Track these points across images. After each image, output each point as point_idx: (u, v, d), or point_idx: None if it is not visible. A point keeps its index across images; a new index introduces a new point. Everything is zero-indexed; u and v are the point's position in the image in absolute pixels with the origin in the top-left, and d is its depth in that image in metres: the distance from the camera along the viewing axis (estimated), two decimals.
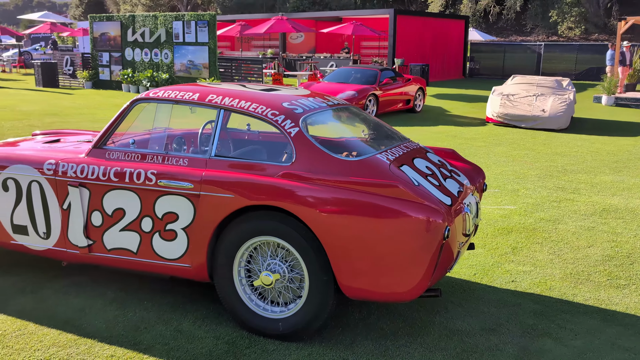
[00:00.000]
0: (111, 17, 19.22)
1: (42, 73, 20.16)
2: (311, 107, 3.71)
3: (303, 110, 3.60)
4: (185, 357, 3.22)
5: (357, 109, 4.32)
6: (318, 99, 3.97)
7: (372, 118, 4.37)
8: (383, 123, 4.33)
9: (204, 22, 16.70)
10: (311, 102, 3.81)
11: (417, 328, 3.59)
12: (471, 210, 3.58)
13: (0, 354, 3.21)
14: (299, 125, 3.41)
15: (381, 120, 4.40)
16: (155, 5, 42.61)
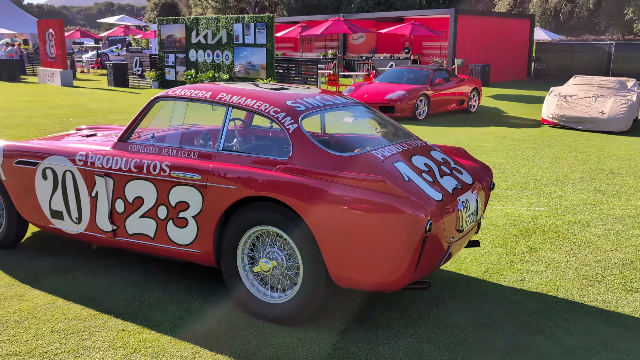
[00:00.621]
0: (177, 19, 20.08)
1: (114, 73, 21.35)
2: (315, 105, 3.90)
3: (305, 108, 3.79)
4: (187, 334, 3.49)
5: (367, 108, 4.46)
6: (327, 97, 4.15)
7: (381, 116, 4.50)
8: (392, 121, 4.46)
9: (262, 24, 17.18)
10: (317, 100, 4.00)
11: (411, 320, 3.70)
12: (467, 208, 3.65)
13: (29, 323, 3.59)
14: (298, 122, 3.61)
15: (390, 119, 4.53)
16: (225, 7, 43.88)
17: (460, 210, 3.56)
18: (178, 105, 4.14)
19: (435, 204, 3.34)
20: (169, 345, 3.36)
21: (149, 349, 3.32)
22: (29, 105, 15.05)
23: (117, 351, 3.29)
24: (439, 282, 4.30)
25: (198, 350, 3.31)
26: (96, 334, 3.47)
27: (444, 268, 4.56)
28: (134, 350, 3.29)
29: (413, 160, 3.70)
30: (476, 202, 3.82)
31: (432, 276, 4.40)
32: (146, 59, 21.52)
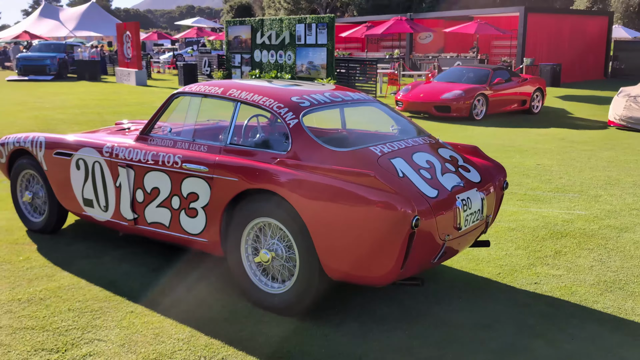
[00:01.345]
0: (243, 21, 20.65)
1: (184, 74, 22.20)
2: (321, 101, 3.97)
3: (310, 104, 3.87)
4: (189, 318, 3.65)
5: (380, 105, 4.48)
6: (337, 94, 4.20)
7: (394, 113, 4.50)
8: (404, 118, 4.46)
9: (323, 24, 17.36)
10: (326, 97, 4.06)
11: (409, 316, 3.70)
12: (468, 206, 3.61)
13: (50, 301, 3.88)
14: (299, 118, 3.70)
15: (403, 116, 4.52)
16: (297, 9, 44.52)
17: (459, 208, 3.52)
18: (194, 101, 4.33)
19: (427, 201, 3.33)
20: (170, 327, 3.54)
21: (150, 330, 3.51)
22: (101, 103, 15.97)
23: (122, 330, 3.50)
24: (448, 281, 4.26)
25: (195, 333, 3.48)
26: (107, 314, 3.71)
27: (457, 267, 4.51)
28: (136, 331, 3.50)
29: (414, 157, 3.69)
30: (481, 201, 3.76)
31: (442, 275, 4.37)
32: (215, 60, 22.24)
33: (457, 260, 4.66)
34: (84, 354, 3.23)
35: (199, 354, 3.24)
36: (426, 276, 4.35)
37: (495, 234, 5.31)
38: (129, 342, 3.37)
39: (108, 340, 3.39)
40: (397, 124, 4.37)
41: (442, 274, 4.41)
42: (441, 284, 4.22)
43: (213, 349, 3.31)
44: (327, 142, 3.62)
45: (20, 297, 3.95)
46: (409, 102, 13.40)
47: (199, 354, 3.25)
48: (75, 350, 3.26)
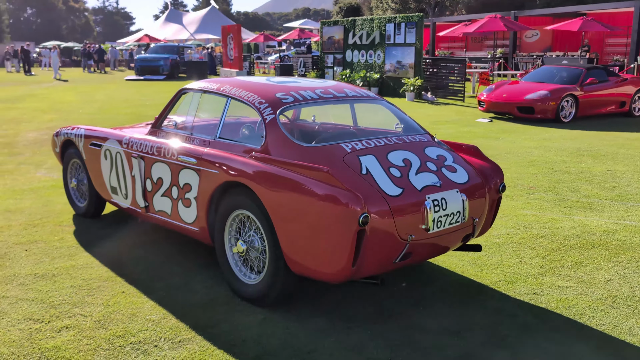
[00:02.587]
0: (337, 22, 20.87)
1: (280, 73, 22.90)
2: (308, 98, 3.99)
3: (293, 100, 3.91)
4: (170, 301, 3.84)
5: (385, 103, 4.42)
6: (331, 91, 4.20)
7: (398, 111, 4.41)
8: (402, 116, 4.36)
9: (412, 23, 17.11)
10: (316, 93, 4.07)
11: (379, 317, 3.63)
12: (442, 207, 3.47)
13: (59, 277, 4.25)
14: (276, 113, 3.76)
15: (404, 113, 4.42)
16: (404, 9, 44.10)
17: (427, 208, 3.40)
18: (196, 96, 4.53)
19: (385, 199, 3.26)
20: (149, 308, 3.75)
21: (130, 309, 3.75)
22: None
23: (105, 308, 3.77)
24: (440, 285, 4.12)
25: (167, 316, 3.66)
26: (101, 292, 4.01)
27: (458, 272, 4.33)
28: (117, 310, 3.74)
29: (390, 155, 3.62)
30: (462, 202, 3.59)
31: (436, 278, 4.22)
32: (309, 60, 22.70)
33: (459, 264, 4.48)
34: (62, 325, 3.53)
35: (161, 335, 3.42)
36: (420, 278, 4.23)
37: (519, 240, 5.02)
38: (106, 319, 3.62)
39: (89, 315, 3.66)
40: (398, 121, 4.30)
41: (437, 277, 4.27)
42: (431, 287, 4.09)
43: (176, 331, 3.46)
44: (300, 137, 3.66)
45: (37, 272, 4.37)
46: (491, 103, 12.88)
47: (160, 334, 3.43)
48: (56, 322, 3.57)
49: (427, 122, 12.43)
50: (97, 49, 37.46)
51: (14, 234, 5.26)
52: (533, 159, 8.56)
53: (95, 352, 3.23)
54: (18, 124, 12.58)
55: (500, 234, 5.19)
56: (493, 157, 8.57)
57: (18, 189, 6.94)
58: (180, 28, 57.07)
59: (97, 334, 3.42)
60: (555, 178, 7.35)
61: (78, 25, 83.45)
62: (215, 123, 4.19)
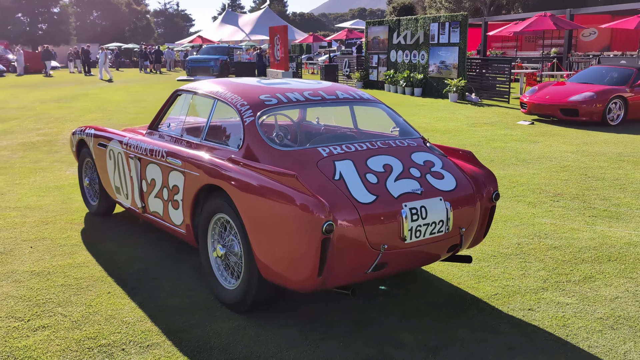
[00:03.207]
0: (382, 21, 20.61)
1: (325, 74, 22.84)
2: (293, 100, 3.88)
3: (277, 102, 3.81)
4: (152, 304, 3.81)
5: (380, 105, 4.26)
6: (321, 92, 4.06)
7: (389, 114, 4.24)
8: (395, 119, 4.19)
9: (456, 22, 16.68)
10: (304, 95, 3.95)
11: (355, 329, 3.47)
12: (421, 216, 3.28)
13: (53, 275, 4.30)
14: (255, 116, 3.67)
15: (399, 116, 4.25)
16: (458, 8, 43.20)
17: (403, 217, 3.23)
18: (187, 98, 4.50)
19: (355, 207, 3.11)
20: (127, 310, 3.74)
21: (109, 311, 3.74)
22: None
23: (86, 308, 3.78)
24: (430, 297, 3.92)
25: (144, 319, 3.63)
26: (87, 292, 4.03)
27: (454, 283, 4.12)
28: (97, 310, 3.75)
29: (370, 160, 3.46)
30: (446, 211, 3.40)
31: (428, 289, 4.03)
32: (354, 60, 22.53)
33: (457, 274, 4.26)
34: (40, 325, 3.56)
35: (131, 338, 3.39)
36: (409, 288, 4.05)
37: (529, 250, 4.74)
38: (84, 319, 3.63)
39: (69, 315, 3.68)
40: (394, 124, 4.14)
41: (429, 287, 4.07)
42: (420, 298, 3.90)
43: (148, 335, 3.43)
44: (279, 141, 3.55)
45: (34, 269, 4.45)
46: (533, 105, 12.36)
47: (131, 338, 3.40)
48: (36, 321, 3.60)
49: (464, 124, 12.07)
50: (153, 50, 38.52)
51: (25, 230, 5.40)
52: (567, 164, 8.13)
53: (63, 353, 3.24)
54: (63, 123, 13.04)
55: (510, 244, 4.93)
56: (525, 162, 8.21)
57: (44, 186, 7.15)
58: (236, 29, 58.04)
59: (70, 335, 3.43)
60: (586, 185, 6.95)
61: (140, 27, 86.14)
62: (203, 125, 4.15)
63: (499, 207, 6.04)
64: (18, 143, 10.50)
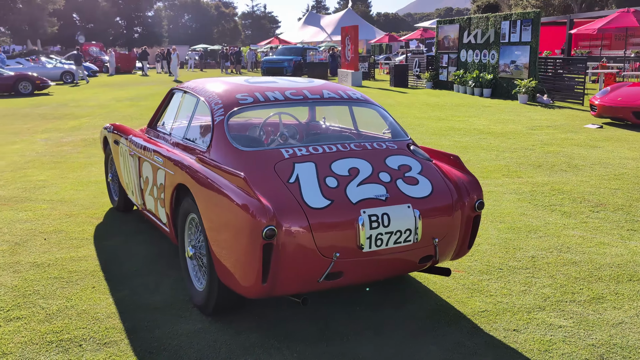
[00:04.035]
0: (453, 20, 19.97)
1: (395, 74, 22.46)
2: (271, 99, 3.74)
3: (253, 101, 3.69)
4: (128, 302, 3.81)
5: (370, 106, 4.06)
6: (304, 92, 3.90)
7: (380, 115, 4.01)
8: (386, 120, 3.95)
9: (528, 20, 15.83)
10: (285, 95, 3.81)
11: (317, 338, 3.30)
12: (382, 223, 3.05)
13: (50, 268, 4.42)
14: (225, 115, 3.57)
15: (390, 116, 4.00)
16: (546, 5, 41.16)
17: (359, 224, 3.01)
18: (179, 96, 4.48)
19: (304, 212, 2.94)
20: (101, 307, 3.76)
21: (84, 306, 3.78)
22: None
23: (65, 302, 3.83)
24: (410, 310, 3.66)
25: (113, 316, 3.63)
26: (74, 286, 4.10)
27: (443, 296, 3.83)
28: (74, 305, 3.80)
29: (336, 163, 3.27)
30: (415, 219, 3.14)
31: (411, 302, 3.77)
32: (424, 60, 22.00)
33: (450, 287, 3.97)
34: (16, 316, 3.65)
35: (93, 335, 3.40)
36: (390, 298, 3.81)
37: (542, 265, 4.35)
38: (58, 313, 3.68)
39: (46, 308, 3.76)
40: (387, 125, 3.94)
41: (412, 299, 3.81)
42: (400, 310, 3.65)
43: (110, 332, 3.42)
44: (241, 141, 3.44)
45: (37, 260, 4.60)
46: (603, 107, 11.48)
47: (93, 334, 3.40)
48: (14, 312, 3.70)
49: (524, 126, 11.42)
50: (234, 51, 39.58)
51: (47, 222, 5.61)
52: (623, 172, 7.45)
53: (24, 345, 3.29)
54: (129, 121, 13.59)
55: (523, 257, 4.54)
56: (575, 168, 7.62)
57: (86, 181, 7.44)
58: (317, 30, 58.54)
59: (38, 327, 3.49)
60: (636, 195, 6.32)
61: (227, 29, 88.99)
62: (187, 124, 4.12)
63: (525, 215, 5.62)
64: (81, 139, 11.04)
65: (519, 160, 8.26)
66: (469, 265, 4.37)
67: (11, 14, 44.11)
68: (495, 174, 7.46)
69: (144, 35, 72.20)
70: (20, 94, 21.18)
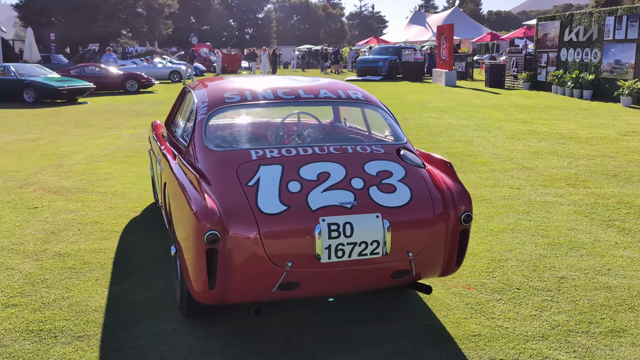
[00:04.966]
0: (554, 17, 18.69)
1: (491, 74, 21.45)
2: (260, 98, 3.61)
3: (240, 99, 3.58)
4: (122, 297, 3.85)
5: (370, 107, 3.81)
6: (299, 92, 3.72)
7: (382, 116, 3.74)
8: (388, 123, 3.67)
9: (635, 15, 14.40)
10: (277, 94, 3.66)
11: (281, 349, 3.12)
12: (343, 233, 2.82)
13: (70, 257, 4.59)
14: (207, 114, 3.48)
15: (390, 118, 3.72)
16: None
17: (316, 232, 2.80)
18: (187, 95, 4.46)
19: (254, 217, 2.78)
20: (95, 300, 3.81)
21: (79, 298, 3.85)
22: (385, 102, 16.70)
23: (64, 292, 3.93)
24: (388, 327, 3.38)
25: (100, 309, 3.67)
26: (79, 277, 4.20)
27: (438, 314, 3.51)
28: (70, 296, 3.88)
29: (305, 167, 3.08)
30: (382, 230, 2.88)
31: (395, 315, 3.48)
32: (522, 60, 20.80)
33: (452, 304, 3.63)
34: (14, 302, 3.79)
35: (72, 327, 3.44)
36: (372, 316, 3.54)
37: (569, 287, 3.88)
38: (51, 303, 3.77)
39: (43, 297, 3.86)
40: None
41: (405, 317, 3.52)
42: (384, 328, 3.37)
43: (87, 326, 3.45)
44: (215, 140, 3.36)
45: (60, 250, 4.80)
46: None
47: (73, 327, 3.45)
48: (15, 299, 3.85)
49: (616, 132, 10.40)
50: (334, 51, 39.81)
51: (89, 214, 5.86)
52: None
53: (8, 332, 3.40)
54: None
55: (551, 277, 4.07)
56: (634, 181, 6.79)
57: (145, 175, 7.71)
58: (422, 29, 57.44)
59: (28, 316, 3.61)
60: None
61: (334, 30, 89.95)
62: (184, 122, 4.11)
63: (574, 230, 5.06)
64: None
65: (592, 169, 7.50)
66: (483, 283, 3.99)
67: (131, 17, 47.40)
68: (559, 182, 6.82)
69: (254, 36, 74.82)
70: (127, 92, 22.65)
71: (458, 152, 8.70)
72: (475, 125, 11.35)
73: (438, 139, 9.90)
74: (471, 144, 9.46)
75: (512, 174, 7.27)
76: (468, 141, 9.68)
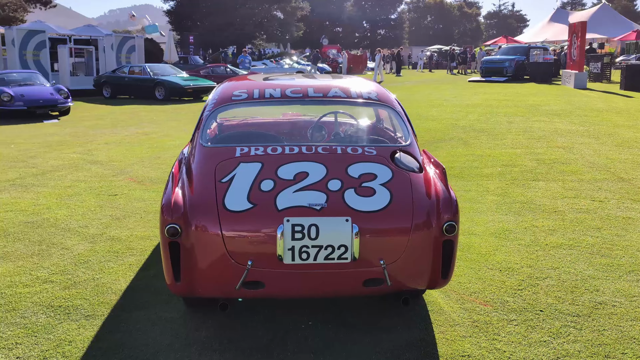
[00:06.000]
0: None
1: (626, 76, 19.54)
2: (267, 96, 3.61)
3: (246, 97, 3.60)
4: (144, 281, 4.06)
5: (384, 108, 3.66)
6: (308, 90, 3.66)
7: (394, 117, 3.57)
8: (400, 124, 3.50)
9: None
10: (285, 93, 3.63)
11: (257, 351, 3.10)
12: (307, 235, 2.74)
13: (116, 242, 4.93)
14: (212, 110, 3.55)
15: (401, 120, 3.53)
16: None
17: (278, 232, 2.74)
18: None
19: (217, 213, 2.79)
20: (118, 282, 4.06)
21: (104, 280, 4.11)
22: (497, 104, 15.80)
23: (95, 273, 4.21)
24: (382, 340, 3.21)
25: (117, 292, 3.89)
26: (117, 261, 4.47)
27: (437, 329, 3.28)
28: (99, 277, 4.15)
29: (285, 166, 3.03)
30: (350, 235, 2.74)
31: (396, 325, 3.30)
32: None
33: (457, 319, 3.37)
34: (52, 279, 4.14)
35: (86, 307, 3.69)
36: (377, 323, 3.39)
37: (599, 315, 3.45)
38: (81, 282, 4.06)
39: (79, 277, 4.17)
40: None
41: (398, 328, 3.34)
42: (368, 337, 3.22)
43: (99, 308, 3.67)
44: (209, 136, 3.41)
45: (116, 235, 5.12)
46: None
47: (86, 306, 3.69)
48: (55, 276, 4.20)
49: None
50: (461, 51, 38.59)
51: (158, 203, 6.18)
52: None
53: (34, 305, 3.69)
54: None
55: (588, 301, 3.64)
56: None
57: None
58: (563, 28, 53.69)
59: (56, 293, 3.90)
60: None
61: (469, 30, 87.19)
62: None
63: (630, 248, 4.47)
64: None
65: None
66: (505, 301, 3.66)
67: (266, 20, 49.53)
68: None
69: (386, 37, 74.82)
70: None
71: (550, 159, 8.04)
72: (584, 131, 10.40)
73: (535, 145, 9.22)
74: (570, 150, 8.69)
75: (600, 185, 6.58)
76: (567, 147, 8.91)
